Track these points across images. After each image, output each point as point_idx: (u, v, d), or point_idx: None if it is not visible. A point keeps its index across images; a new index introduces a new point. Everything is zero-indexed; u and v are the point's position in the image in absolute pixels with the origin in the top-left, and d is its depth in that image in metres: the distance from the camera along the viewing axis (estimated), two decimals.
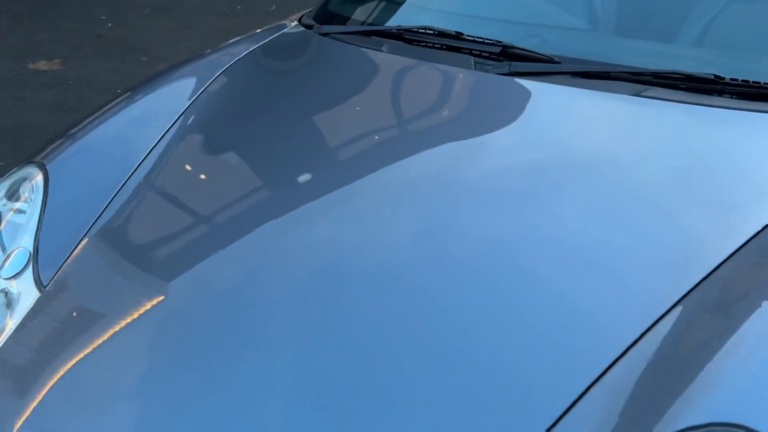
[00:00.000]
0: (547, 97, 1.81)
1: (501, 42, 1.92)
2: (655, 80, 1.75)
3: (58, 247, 1.48)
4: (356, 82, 2.00)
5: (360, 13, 2.36)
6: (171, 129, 1.80)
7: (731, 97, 1.69)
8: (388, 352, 1.25)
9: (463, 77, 1.91)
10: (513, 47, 1.91)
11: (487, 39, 1.95)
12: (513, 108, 1.81)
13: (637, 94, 1.75)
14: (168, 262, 1.49)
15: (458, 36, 1.98)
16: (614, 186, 1.53)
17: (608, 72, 1.79)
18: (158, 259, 1.51)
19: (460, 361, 1.22)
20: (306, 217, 1.58)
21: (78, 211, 1.55)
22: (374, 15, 2.33)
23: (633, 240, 1.42)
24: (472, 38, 1.97)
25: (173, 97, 1.94)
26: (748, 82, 1.69)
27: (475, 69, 1.90)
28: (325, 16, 2.33)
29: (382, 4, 2.39)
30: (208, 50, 2.26)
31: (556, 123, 1.74)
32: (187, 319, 1.34)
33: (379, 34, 2.10)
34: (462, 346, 1.25)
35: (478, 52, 1.93)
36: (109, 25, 5.62)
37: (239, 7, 5.99)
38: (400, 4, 2.37)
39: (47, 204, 1.58)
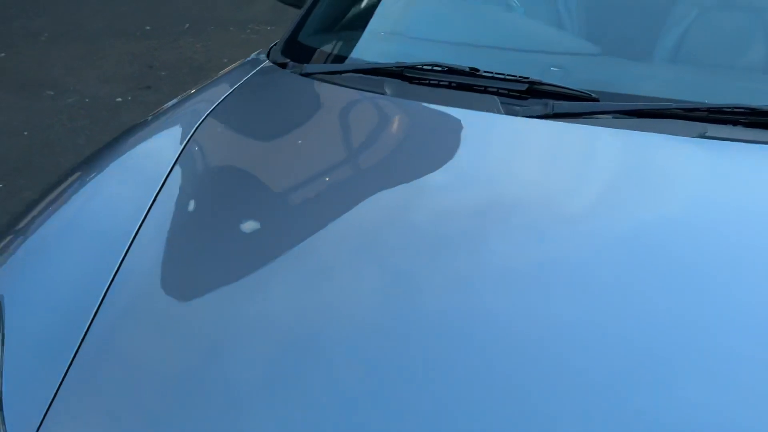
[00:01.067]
0: (596, 144, 1.55)
1: (527, 78, 1.65)
2: (716, 116, 1.52)
3: (29, 399, 1.09)
4: (360, 137, 1.68)
5: (336, 45, 2.03)
6: (153, 209, 1.40)
7: None
8: None
9: (491, 122, 1.61)
10: (542, 83, 1.64)
11: (509, 75, 1.66)
12: (561, 160, 1.53)
13: (702, 135, 1.51)
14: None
15: (474, 72, 1.69)
16: (725, 257, 1.27)
17: (663, 110, 1.55)
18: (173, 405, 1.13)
19: None
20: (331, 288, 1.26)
21: (50, 343, 1.15)
22: (355, 47, 2.01)
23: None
24: (491, 74, 1.68)
25: (150, 166, 1.55)
26: None
27: (502, 112, 1.61)
28: (295, 50, 1.99)
29: (359, 34, 2.06)
30: (174, 101, 1.88)
31: (621, 178, 1.47)
32: None
33: (374, 72, 1.78)
34: None
35: (497, 90, 1.65)
36: (2, 55, 5.03)
37: (148, 27, 5.50)
38: (383, 34, 2.06)
39: (5, 339, 1.17)
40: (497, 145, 1.60)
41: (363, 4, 2.13)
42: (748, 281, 1.19)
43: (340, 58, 1.93)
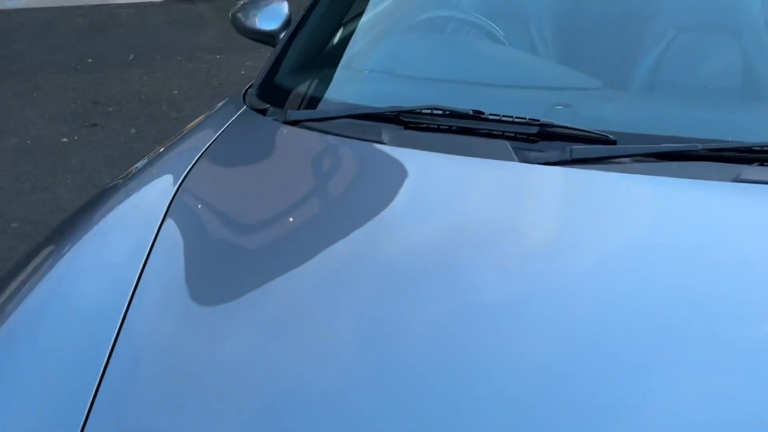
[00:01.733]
0: (627, 193, 1.41)
1: (537, 120, 1.51)
2: (752, 156, 1.41)
3: None
4: (360, 193, 1.50)
5: (318, 86, 1.86)
6: (143, 280, 1.23)
7: None
8: None
9: (506, 171, 1.45)
10: (554, 126, 1.50)
11: (517, 117, 1.52)
12: (592, 213, 1.39)
13: (737, 179, 1.39)
14: None
15: (479, 116, 1.54)
16: None
17: (690, 151, 1.43)
18: None
19: None
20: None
21: None
22: (339, 88, 1.83)
23: None
24: (497, 117, 1.53)
25: (133, 232, 1.37)
26: None
27: (516, 159, 1.47)
28: (273, 93, 1.81)
29: (343, 72, 1.89)
30: (143, 161, 1.67)
31: (660, 229, 1.33)
32: None
33: (365, 117, 1.62)
34: None
35: (503, 133, 1.50)
36: None
37: (90, 60, 5.23)
38: (367, 72, 1.90)
39: None
40: (518, 196, 1.45)
41: (343, 39, 1.96)
42: None
43: (325, 101, 1.76)
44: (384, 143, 1.55)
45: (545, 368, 1.07)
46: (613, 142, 1.47)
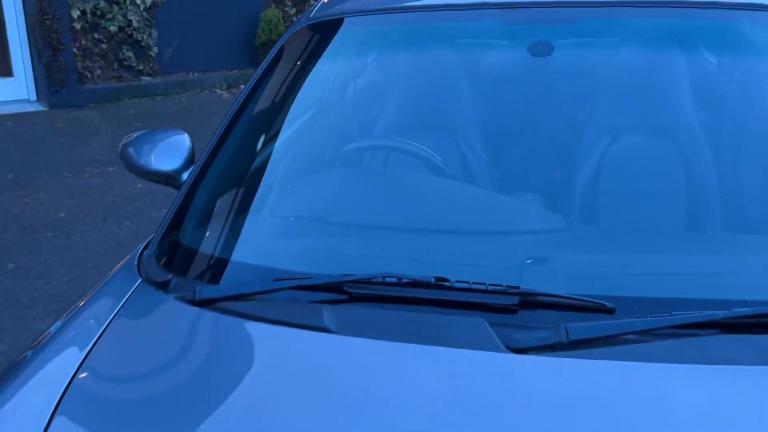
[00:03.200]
0: (657, 392, 1.09)
1: (516, 288, 1.20)
2: None
3: None
4: (299, 405, 1.10)
5: (232, 245, 1.49)
6: None
7: None
8: None
9: (486, 365, 1.12)
10: (536, 294, 1.19)
11: (491, 285, 1.21)
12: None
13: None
14: None
15: (441, 284, 1.22)
16: None
17: (718, 321, 1.14)
18: None
19: None
20: None
21: None
22: (260, 250, 1.46)
23: None
24: (467, 286, 1.22)
25: None
26: None
27: (503, 347, 1.13)
28: (173, 258, 1.44)
29: (263, 227, 1.53)
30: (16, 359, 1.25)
31: None
32: None
33: (300, 289, 1.26)
34: None
35: (473, 304, 1.19)
36: None
37: None
38: (296, 225, 1.54)
39: None
40: (513, 403, 1.10)
41: (258, 182, 1.62)
42: None
43: (242, 268, 1.39)
44: (327, 330, 1.19)
45: None
46: (611, 312, 1.17)
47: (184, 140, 1.80)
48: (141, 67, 7.07)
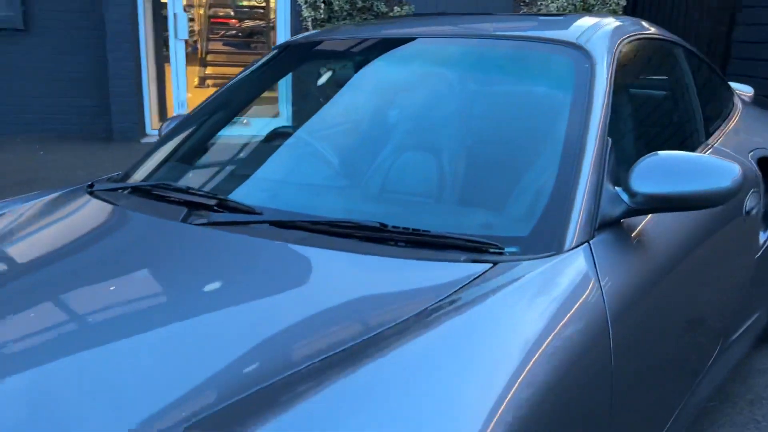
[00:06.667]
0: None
1: (216, 195, 1.90)
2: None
3: None
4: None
5: (138, 172, 2.29)
6: None
7: None
8: None
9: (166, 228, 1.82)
10: (226, 200, 1.88)
11: (198, 191, 1.95)
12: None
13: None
14: None
15: (189, 191, 1.95)
16: None
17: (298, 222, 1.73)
18: None
19: None
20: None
21: None
22: (150, 174, 2.26)
23: None
24: (185, 189, 1.96)
25: None
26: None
27: (183, 221, 1.82)
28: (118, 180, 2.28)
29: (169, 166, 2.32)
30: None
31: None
32: None
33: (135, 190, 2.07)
34: None
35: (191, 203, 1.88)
36: None
37: None
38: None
39: None
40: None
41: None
42: None
43: (128, 179, 2.23)
44: (121, 206, 1.97)
45: None
46: (259, 214, 1.80)
47: None
48: None
